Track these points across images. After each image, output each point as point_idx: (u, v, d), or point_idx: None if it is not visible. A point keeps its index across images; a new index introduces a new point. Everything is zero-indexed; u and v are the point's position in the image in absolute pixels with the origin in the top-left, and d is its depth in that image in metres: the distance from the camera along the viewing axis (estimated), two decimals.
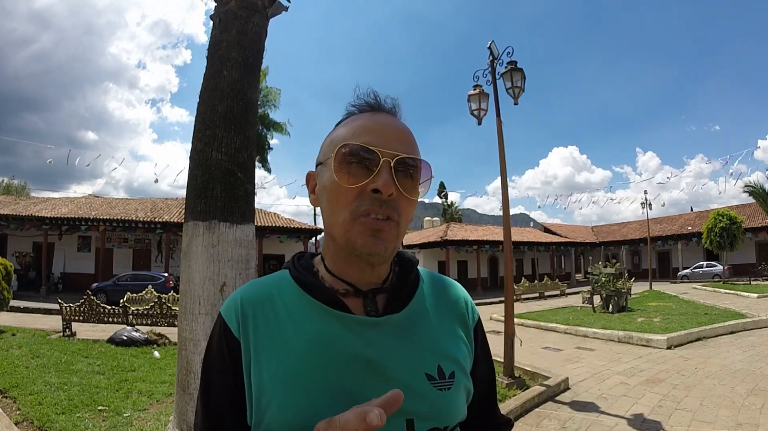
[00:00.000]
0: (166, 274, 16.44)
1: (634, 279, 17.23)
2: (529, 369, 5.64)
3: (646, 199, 24.17)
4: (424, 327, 0.63)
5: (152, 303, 8.88)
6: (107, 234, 18.34)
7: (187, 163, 2.78)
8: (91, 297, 8.63)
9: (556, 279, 22.17)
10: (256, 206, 5.27)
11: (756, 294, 14.98)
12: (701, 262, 26.25)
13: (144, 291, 12.75)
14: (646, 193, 24.31)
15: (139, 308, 9.07)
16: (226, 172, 2.64)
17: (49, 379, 5.00)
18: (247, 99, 2.80)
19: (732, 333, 8.60)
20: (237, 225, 2.66)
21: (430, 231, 29.14)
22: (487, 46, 5.99)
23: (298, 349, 0.57)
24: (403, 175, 0.58)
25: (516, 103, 5.87)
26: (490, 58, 5.98)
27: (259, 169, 23.48)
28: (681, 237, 28.56)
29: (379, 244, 0.57)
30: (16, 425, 3.73)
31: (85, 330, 8.62)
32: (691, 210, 34.07)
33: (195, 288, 2.57)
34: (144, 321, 8.49)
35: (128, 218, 17.76)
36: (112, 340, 7.36)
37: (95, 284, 15.58)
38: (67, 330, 8.18)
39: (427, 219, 36.30)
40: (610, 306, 11.83)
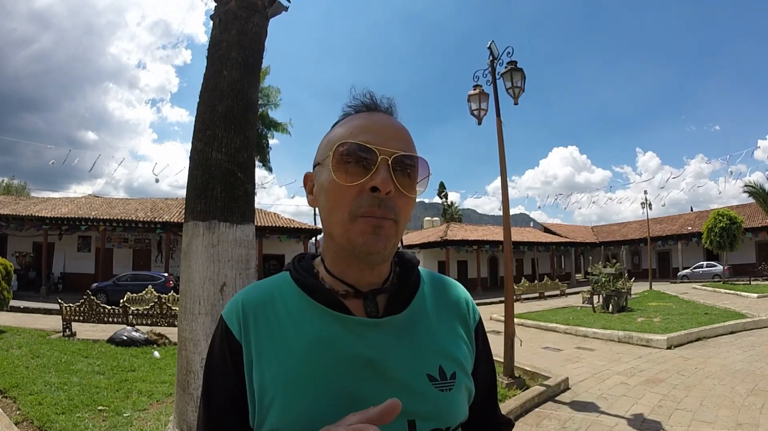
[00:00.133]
0: (166, 274, 16.44)
1: (634, 279, 17.23)
2: (529, 369, 5.64)
3: (646, 199, 24.17)
4: (424, 327, 0.63)
5: (152, 304, 8.88)
6: (107, 234, 18.34)
7: (187, 162, 2.78)
8: (91, 297, 8.63)
9: (556, 279, 22.16)
10: (256, 206, 5.27)
11: (756, 294, 14.99)
12: (701, 262, 26.25)
13: (144, 291, 12.75)
14: (646, 192, 24.33)
15: (139, 308, 9.07)
16: (226, 172, 2.64)
17: (49, 379, 5.00)
18: (247, 99, 2.80)
19: (732, 333, 8.60)
20: (237, 225, 2.66)
21: (430, 232, 29.15)
22: (487, 46, 5.99)
23: (299, 351, 0.57)
24: (401, 173, 0.58)
25: (516, 103, 5.87)
26: (490, 58, 5.98)
27: (259, 168, 23.49)
28: (681, 238, 28.57)
29: (378, 242, 0.57)
30: (16, 425, 3.73)
31: (85, 330, 8.62)
32: (691, 210, 34.09)
33: (195, 288, 2.56)
34: (144, 321, 8.50)
35: (128, 218, 17.76)
36: (112, 340, 7.36)
37: (95, 284, 15.57)
38: (67, 330, 8.18)
39: (427, 219, 36.30)
40: (610, 306, 11.84)
